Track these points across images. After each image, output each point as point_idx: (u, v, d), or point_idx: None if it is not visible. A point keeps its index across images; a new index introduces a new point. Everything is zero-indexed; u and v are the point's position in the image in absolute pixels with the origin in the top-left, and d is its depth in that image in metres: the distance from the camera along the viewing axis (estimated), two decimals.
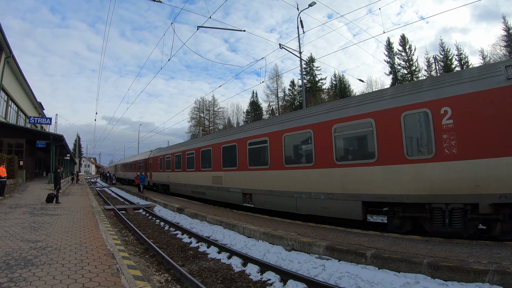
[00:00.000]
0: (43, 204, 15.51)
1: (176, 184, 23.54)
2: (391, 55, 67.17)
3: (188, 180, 21.01)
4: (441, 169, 7.62)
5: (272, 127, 13.08)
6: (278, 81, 77.79)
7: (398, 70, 65.78)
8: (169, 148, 27.41)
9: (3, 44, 24.84)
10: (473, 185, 7.14)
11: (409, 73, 63.92)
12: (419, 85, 8.55)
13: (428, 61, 62.57)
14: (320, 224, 10.71)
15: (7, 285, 4.89)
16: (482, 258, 5.84)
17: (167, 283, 6.81)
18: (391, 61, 66.97)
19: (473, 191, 7.14)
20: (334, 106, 10.71)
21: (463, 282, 5.34)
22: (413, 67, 64.31)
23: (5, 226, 9.82)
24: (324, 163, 10.56)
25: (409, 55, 65.15)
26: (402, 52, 66.03)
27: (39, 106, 44.72)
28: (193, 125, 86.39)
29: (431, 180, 7.81)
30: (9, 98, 29.24)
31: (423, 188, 7.93)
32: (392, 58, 66.97)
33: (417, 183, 8.06)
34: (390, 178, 8.63)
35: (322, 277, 6.52)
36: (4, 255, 6.58)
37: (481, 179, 7.04)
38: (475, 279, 5.27)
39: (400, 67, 66.04)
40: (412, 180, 8.16)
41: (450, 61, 60.32)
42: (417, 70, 63.81)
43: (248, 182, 14.26)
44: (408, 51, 65.34)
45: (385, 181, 8.72)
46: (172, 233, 12.26)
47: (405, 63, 65.57)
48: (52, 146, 28.10)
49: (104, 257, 6.72)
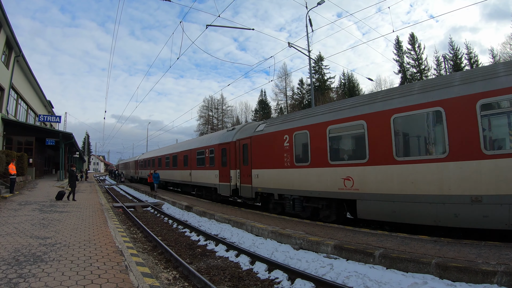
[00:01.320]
0: (53, 201, 15.68)
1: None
2: (400, 54, 66.66)
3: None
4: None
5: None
6: (286, 79, 77.93)
7: (407, 69, 65.25)
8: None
9: (13, 44, 25.16)
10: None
11: (418, 72, 63.36)
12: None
13: (437, 60, 62.14)
14: (328, 223, 10.67)
15: (16, 281, 4.94)
16: (490, 259, 5.77)
17: (175, 281, 6.84)
18: (400, 60, 66.50)
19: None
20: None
21: (471, 283, 5.27)
22: (422, 66, 63.77)
23: (14, 222, 9.94)
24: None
25: (418, 54, 64.60)
26: (411, 51, 65.54)
27: (48, 105, 45.12)
28: (201, 124, 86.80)
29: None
30: (19, 96, 29.55)
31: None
32: (401, 56, 66.49)
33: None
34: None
35: (330, 276, 6.49)
36: (13, 251, 6.66)
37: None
38: (483, 280, 5.20)
39: (409, 66, 65.57)
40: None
41: (460, 60, 59.69)
42: (426, 69, 63.29)
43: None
44: (418, 49, 64.83)
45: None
46: (180, 231, 12.31)
47: (414, 61, 65.04)
48: (62, 144, 28.42)
49: (113, 254, 6.77)
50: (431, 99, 8.17)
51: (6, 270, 5.42)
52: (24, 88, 30.99)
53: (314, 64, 65.83)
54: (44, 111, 42.22)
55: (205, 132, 74.39)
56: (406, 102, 8.76)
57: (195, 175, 22.05)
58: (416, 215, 8.34)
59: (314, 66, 68.33)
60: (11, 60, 25.74)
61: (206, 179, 20.05)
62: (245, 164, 15.58)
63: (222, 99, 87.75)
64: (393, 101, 9.14)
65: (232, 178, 16.66)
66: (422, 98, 8.39)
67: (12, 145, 26.53)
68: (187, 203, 17.76)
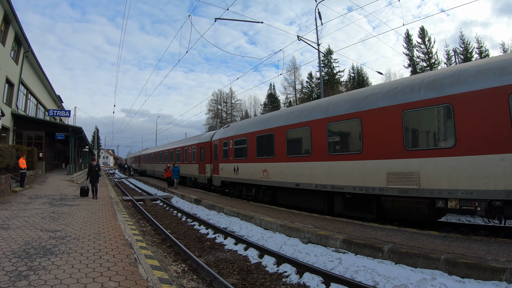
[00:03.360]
0: (62, 195, 15.82)
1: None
2: (410, 48, 65.72)
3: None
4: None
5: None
6: (295, 73, 77.49)
7: (417, 63, 64.42)
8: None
9: (22, 39, 25.34)
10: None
11: (428, 65, 62.45)
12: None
13: (448, 54, 61.11)
14: (337, 217, 10.63)
15: (26, 273, 4.99)
16: (500, 256, 5.70)
17: (184, 273, 6.87)
18: (410, 54, 65.59)
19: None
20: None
21: (480, 279, 5.22)
22: (432, 60, 62.88)
23: (25, 216, 10.06)
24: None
25: (428, 48, 63.63)
26: (421, 45, 64.56)
27: (57, 99, 45.45)
28: (210, 117, 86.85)
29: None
30: (28, 91, 29.78)
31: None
32: (411, 50, 65.55)
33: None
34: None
35: (339, 271, 6.47)
36: (23, 244, 6.74)
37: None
38: (492, 277, 5.14)
39: (419, 59, 64.70)
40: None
41: (470, 54, 58.69)
42: (437, 63, 62.37)
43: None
44: (428, 43, 63.85)
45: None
46: (189, 224, 12.38)
47: (424, 55, 64.07)
48: (71, 138, 28.59)
49: (122, 247, 6.82)
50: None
51: (17, 263, 5.48)
52: (34, 83, 31.22)
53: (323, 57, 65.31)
54: (53, 106, 42.57)
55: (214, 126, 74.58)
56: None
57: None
58: None
59: (323, 60, 67.86)
60: (20, 56, 25.94)
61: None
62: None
63: (231, 93, 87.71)
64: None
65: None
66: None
67: (22, 139, 26.77)
68: (196, 196, 17.86)
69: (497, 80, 7.03)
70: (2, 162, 15.56)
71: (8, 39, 22.88)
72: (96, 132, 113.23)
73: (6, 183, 15.09)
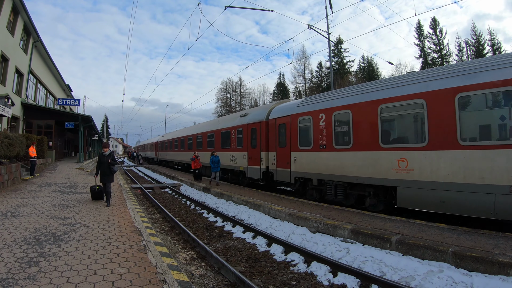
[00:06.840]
0: (72, 183, 15.98)
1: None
2: (421, 38, 64.85)
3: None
4: None
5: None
6: (305, 62, 77.14)
7: (428, 54, 63.50)
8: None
9: (31, 29, 25.49)
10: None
11: (440, 57, 61.61)
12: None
13: (459, 46, 60.21)
14: (346, 208, 10.61)
15: (37, 260, 5.07)
16: (507, 251, 5.65)
17: (193, 260, 6.94)
18: (421, 44, 64.70)
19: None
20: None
21: (487, 273, 5.18)
22: (443, 51, 61.95)
23: (35, 203, 10.20)
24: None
25: (439, 39, 62.73)
26: (432, 35, 63.67)
27: (67, 88, 45.72)
28: (219, 106, 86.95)
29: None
30: (38, 81, 30.02)
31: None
32: (422, 41, 64.64)
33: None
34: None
35: (346, 260, 6.47)
36: (34, 231, 6.84)
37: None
38: (500, 271, 5.10)
39: (431, 50, 63.76)
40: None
41: (482, 46, 57.78)
42: (448, 54, 61.47)
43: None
44: (439, 34, 62.95)
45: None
46: (198, 212, 12.47)
47: (435, 46, 63.18)
48: (81, 126, 28.84)
49: (132, 234, 6.89)
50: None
51: (27, 250, 5.57)
52: (43, 73, 31.44)
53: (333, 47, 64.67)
54: (63, 95, 42.85)
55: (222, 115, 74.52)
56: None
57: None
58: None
59: (333, 49, 67.18)
60: (29, 46, 26.10)
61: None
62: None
63: (240, 82, 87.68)
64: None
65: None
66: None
67: (32, 128, 27.08)
68: (205, 184, 17.91)
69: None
70: (13, 151, 15.75)
71: (17, 30, 23.01)
72: (106, 121, 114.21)
73: (16, 172, 15.30)
